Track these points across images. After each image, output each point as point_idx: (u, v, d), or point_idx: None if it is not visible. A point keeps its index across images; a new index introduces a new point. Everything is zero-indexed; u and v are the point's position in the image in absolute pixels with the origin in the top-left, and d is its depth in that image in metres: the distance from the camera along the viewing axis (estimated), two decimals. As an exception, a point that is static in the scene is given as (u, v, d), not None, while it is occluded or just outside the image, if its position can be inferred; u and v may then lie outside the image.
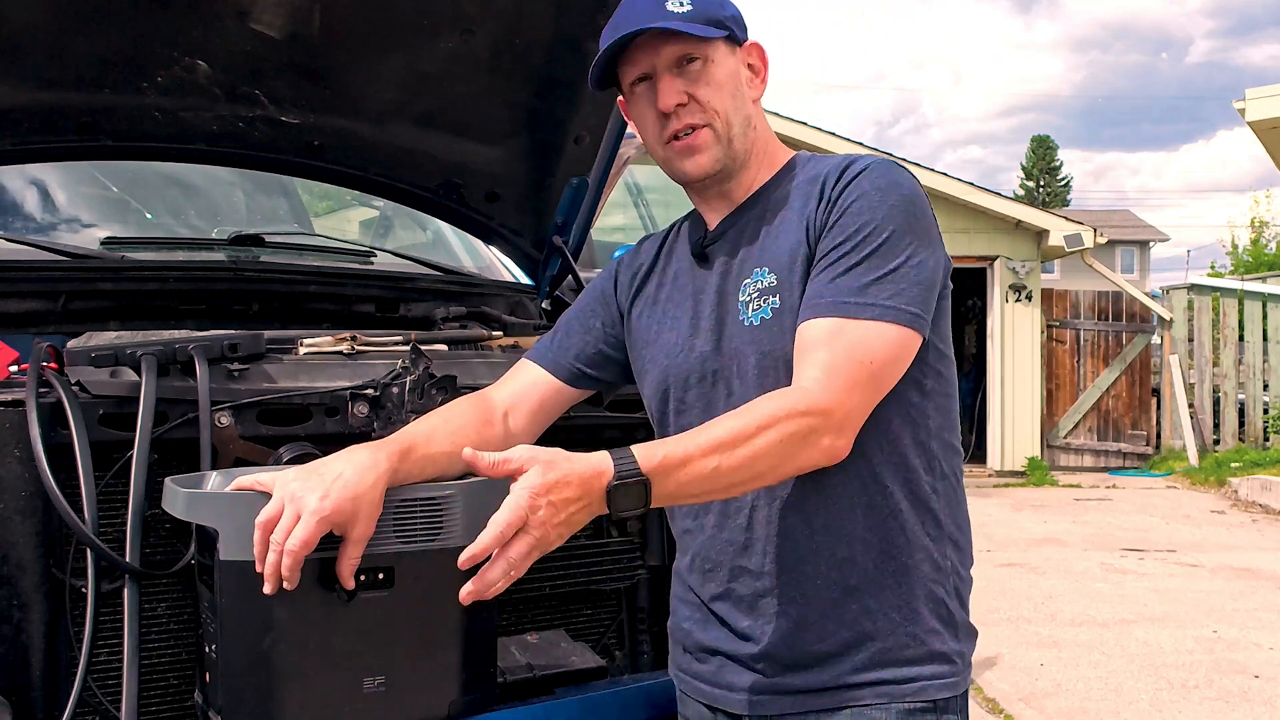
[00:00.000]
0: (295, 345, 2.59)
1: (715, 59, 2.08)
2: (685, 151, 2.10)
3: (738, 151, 2.12)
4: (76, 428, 2.08)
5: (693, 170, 2.11)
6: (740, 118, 2.11)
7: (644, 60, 2.08)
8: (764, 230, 2.11)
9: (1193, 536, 11.43)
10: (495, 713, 2.25)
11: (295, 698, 2.02)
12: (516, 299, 3.63)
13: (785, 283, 2.02)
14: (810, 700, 2.01)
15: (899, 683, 1.99)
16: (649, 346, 2.23)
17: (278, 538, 1.82)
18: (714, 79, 2.07)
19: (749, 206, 2.16)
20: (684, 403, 2.14)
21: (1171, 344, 17.65)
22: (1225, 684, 6.42)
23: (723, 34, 2.07)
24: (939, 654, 2.03)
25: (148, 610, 2.21)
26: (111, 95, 2.93)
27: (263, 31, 2.89)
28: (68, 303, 2.93)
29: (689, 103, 2.07)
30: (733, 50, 2.12)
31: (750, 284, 2.07)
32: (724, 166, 2.12)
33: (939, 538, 2.06)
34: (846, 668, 2.00)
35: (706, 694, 2.13)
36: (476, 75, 3.18)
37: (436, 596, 2.10)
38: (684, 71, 2.07)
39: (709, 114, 2.07)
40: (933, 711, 2.00)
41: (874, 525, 2.01)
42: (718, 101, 2.07)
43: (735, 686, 2.07)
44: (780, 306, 2.01)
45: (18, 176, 3.47)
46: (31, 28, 2.72)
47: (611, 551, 2.70)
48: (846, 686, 2.00)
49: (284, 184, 4.12)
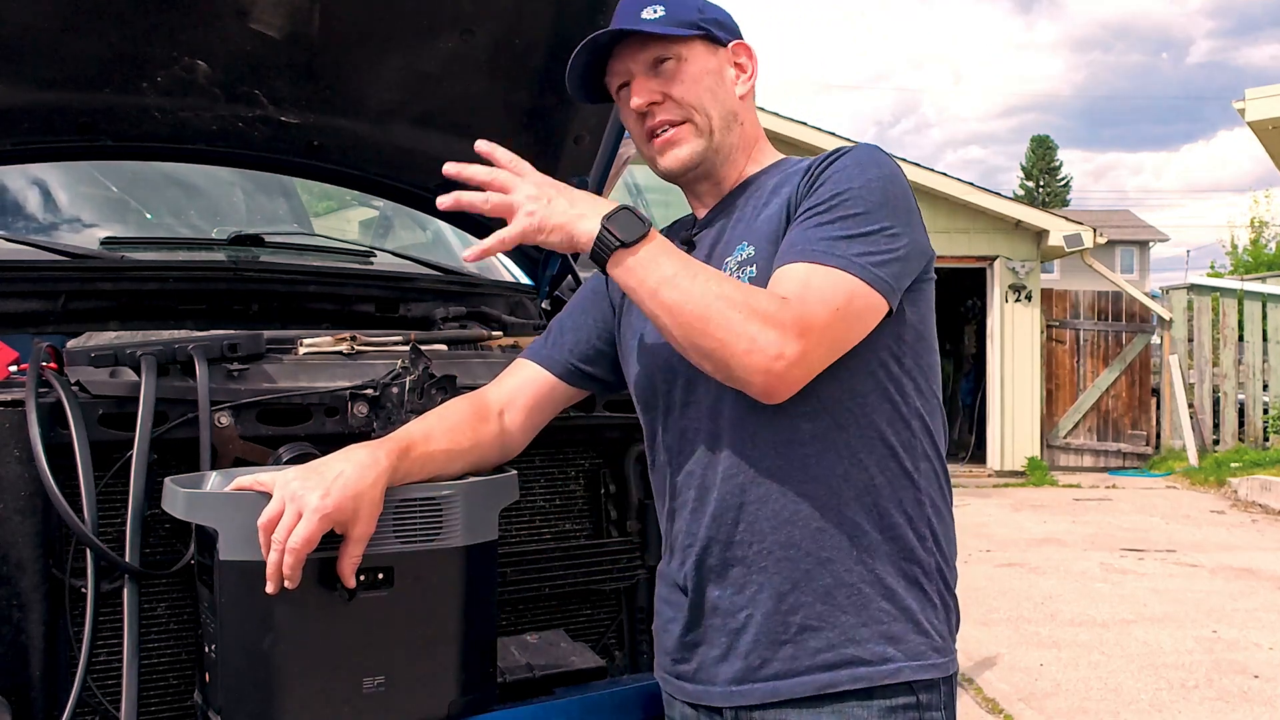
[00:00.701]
0: (295, 345, 2.59)
1: (689, 57, 2.12)
2: (664, 146, 2.15)
3: (720, 144, 2.15)
4: (76, 428, 2.08)
5: (671, 164, 2.15)
6: (722, 111, 2.15)
7: (622, 68, 2.15)
8: (748, 212, 2.14)
9: (1192, 536, 11.44)
10: (495, 713, 2.25)
11: (295, 698, 2.02)
12: (516, 299, 3.63)
13: (762, 253, 2.04)
14: (785, 688, 2.00)
15: (873, 662, 1.97)
16: (635, 336, 2.24)
17: (279, 536, 1.85)
18: (688, 75, 2.11)
19: (735, 194, 2.20)
20: (669, 388, 2.14)
21: (1171, 344, 17.66)
22: (1225, 684, 6.42)
23: (694, 33, 2.12)
24: (914, 632, 2.00)
25: (147, 610, 2.21)
26: (111, 95, 2.94)
27: (263, 31, 2.90)
28: (67, 303, 2.93)
29: (664, 101, 2.12)
30: (714, 50, 2.16)
31: (731, 260, 2.08)
32: (705, 159, 2.15)
33: (918, 517, 2.04)
34: (820, 643, 1.98)
35: (690, 693, 2.13)
36: (476, 75, 3.18)
37: (436, 596, 2.11)
38: (659, 72, 2.12)
39: (685, 109, 2.12)
40: (909, 693, 1.99)
41: (849, 499, 1.99)
42: (693, 97, 2.12)
43: (715, 679, 2.07)
44: (756, 275, 2.02)
45: (18, 176, 3.47)
46: (31, 28, 2.73)
47: (610, 552, 2.70)
48: (821, 667, 1.98)
49: (284, 184, 4.12)
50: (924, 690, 2.00)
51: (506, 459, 2.29)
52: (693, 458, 2.10)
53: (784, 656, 2.00)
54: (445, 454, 2.11)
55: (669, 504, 2.18)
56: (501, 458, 2.27)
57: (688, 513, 2.12)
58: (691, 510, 2.11)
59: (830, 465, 1.99)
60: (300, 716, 2.03)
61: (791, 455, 2.00)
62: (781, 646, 2.00)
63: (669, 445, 2.16)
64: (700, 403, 2.08)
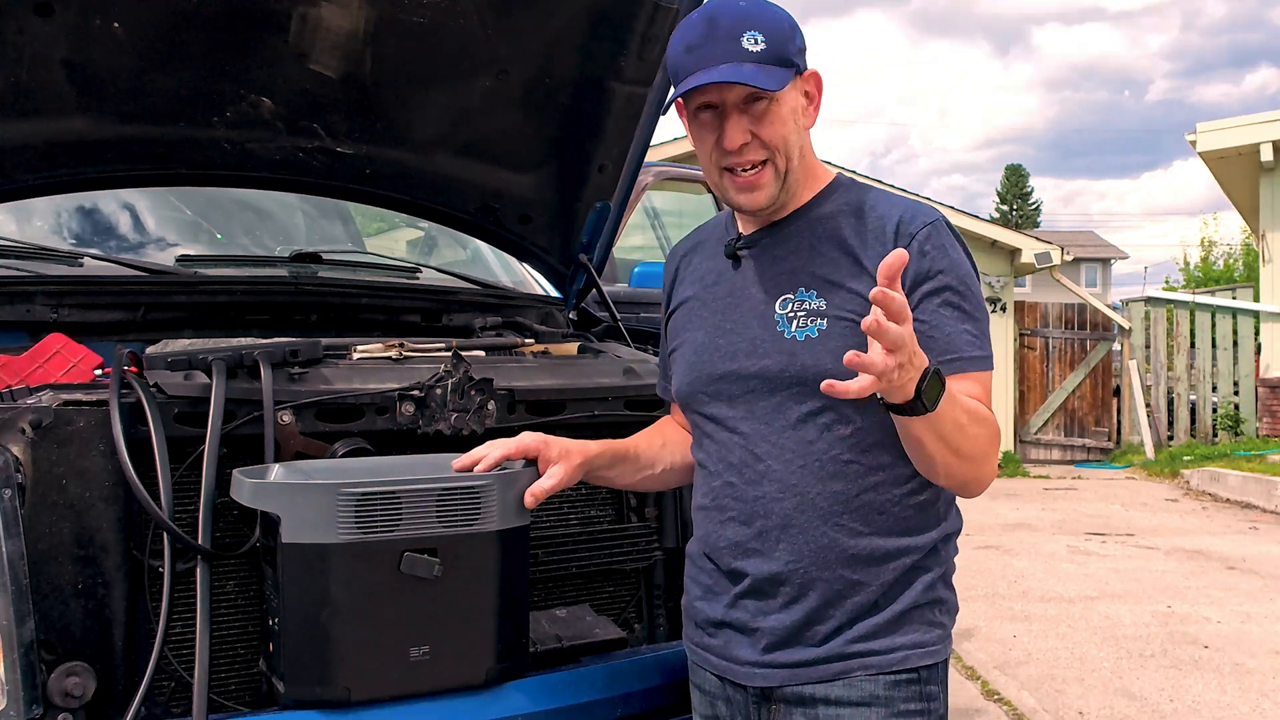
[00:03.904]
0: (349, 351, 2.59)
1: (780, 98, 1.95)
2: (745, 187, 2.00)
3: (791, 185, 2.03)
4: (154, 425, 2.08)
5: (749, 205, 2.03)
6: (797, 150, 2.01)
7: (713, 93, 1.95)
8: (808, 248, 2.03)
9: (1149, 522, 11.37)
10: (527, 679, 2.24)
11: (349, 665, 2.02)
12: (547, 310, 3.62)
13: (834, 308, 1.95)
14: (805, 672, 1.98)
15: (884, 652, 1.97)
16: (680, 342, 2.19)
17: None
18: (778, 118, 1.96)
19: (789, 221, 2.08)
20: (710, 400, 2.09)
21: (1130, 350, 17.60)
22: (1178, 653, 6.37)
23: (792, 74, 1.96)
24: (923, 627, 2.00)
25: (217, 588, 2.21)
26: (185, 128, 2.94)
27: (321, 72, 2.90)
28: (147, 313, 2.93)
29: (752, 140, 1.96)
30: (796, 83, 1.99)
31: (793, 300, 1.99)
32: (778, 201, 2.03)
33: (938, 534, 2.04)
34: (840, 640, 1.97)
35: (716, 665, 2.10)
36: (511, 111, 3.18)
37: (475, 575, 2.10)
38: (751, 109, 1.95)
39: (770, 150, 1.97)
40: (917, 683, 1.98)
41: (882, 521, 1.98)
42: (779, 140, 1.97)
43: (740, 660, 2.05)
44: (827, 330, 1.94)
45: (103, 201, 3.47)
46: (114, 69, 2.74)
47: (631, 535, 2.69)
48: (838, 657, 1.97)
49: (340, 208, 4.12)
50: (927, 677, 2.00)
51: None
52: (728, 463, 2.06)
53: (805, 651, 1.99)
54: (643, 448, 2.31)
55: (704, 500, 2.14)
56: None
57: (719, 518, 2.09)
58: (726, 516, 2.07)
59: (864, 474, 1.97)
60: (353, 682, 2.03)
61: (830, 462, 1.97)
62: (804, 644, 1.99)
63: (707, 447, 2.12)
64: (737, 412, 2.05)
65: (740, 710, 2.08)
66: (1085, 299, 18.54)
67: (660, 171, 7.04)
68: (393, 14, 2.83)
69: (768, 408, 2.01)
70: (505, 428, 2.32)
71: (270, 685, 2.14)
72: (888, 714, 1.96)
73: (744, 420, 2.04)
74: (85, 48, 2.67)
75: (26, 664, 1.90)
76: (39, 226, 3.36)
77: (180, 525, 2.09)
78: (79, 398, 2.10)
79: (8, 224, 3.27)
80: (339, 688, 2.02)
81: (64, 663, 2.00)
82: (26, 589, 1.92)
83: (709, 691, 2.15)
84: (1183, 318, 17.53)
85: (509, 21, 2.94)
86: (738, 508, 2.04)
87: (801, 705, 1.99)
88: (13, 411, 2.03)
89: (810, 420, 1.97)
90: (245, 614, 2.27)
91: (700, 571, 2.15)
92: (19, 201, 3.20)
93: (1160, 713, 5.40)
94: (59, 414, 2.04)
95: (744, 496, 2.03)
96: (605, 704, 2.35)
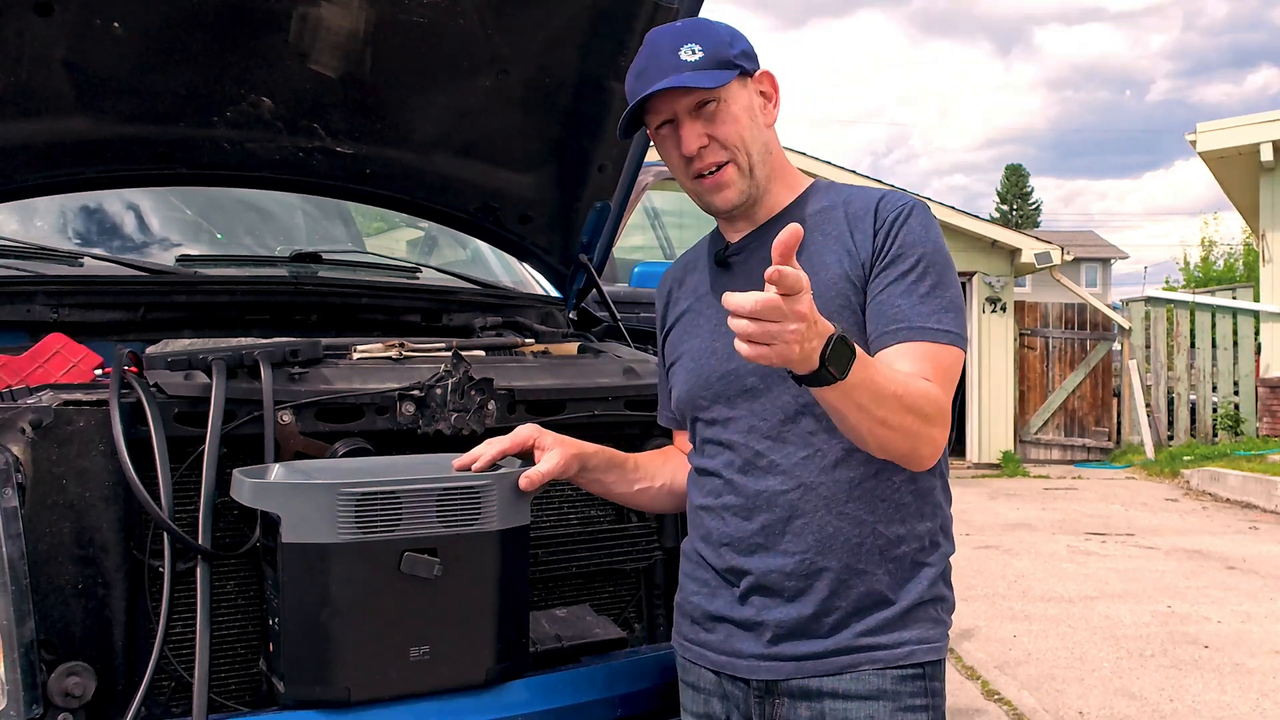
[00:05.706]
0: (349, 351, 2.59)
1: (728, 98, 2.03)
2: (714, 187, 2.08)
3: (759, 179, 2.09)
4: (154, 425, 2.08)
5: (721, 204, 2.10)
6: (758, 146, 2.08)
7: (665, 108, 2.05)
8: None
9: (1149, 522, 11.37)
10: (527, 679, 2.24)
11: (349, 665, 2.02)
12: (546, 310, 3.62)
13: (826, 302, 1.93)
14: (811, 665, 1.99)
15: (891, 647, 1.99)
16: (678, 355, 2.23)
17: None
18: (730, 116, 2.03)
19: (775, 223, 2.11)
20: (710, 405, 2.12)
21: (1130, 350, 17.59)
22: (1178, 653, 6.37)
23: (734, 74, 2.03)
24: (927, 624, 2.02)
25: (217, 587, 2.21)
26: (186, 128, 2.94)
27: (321, 72, 2.90)
28: (147, 313, 2.93)
29: (709, 143, 2.04)
30: (744, 84, 2.07)
31: None
32: (749, 196, 2.10)
33: (935, 524, 2.06)
34: (848, 633, 1.99)
35: (714, 661, 2.11)
36: (510, 111, 3.18)
37: (475, 574, 2.11)
38: (702, 114, 2.03)
39: (730, 150, 2.04)
40: (922, 678, 2.00)
41: (884, 509, 2.00)
42: (735, 137, 2.04)
43: (743, 654, 2.05)
44: None
45: (104, 201, 3.48)
46: (116, 68, 2.74)
47: (631, 535, 2.69)
48: (845, 650, 1.98)
49: (340, 207, 4.12)
50: (930, 673, 2.02)
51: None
52: (729, 461, 2.09)
53: (811, 645, 2.00)
54: (642, 460, 2.34)
55: (707, 499, 2.15)
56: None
57: (723, 515, 2.10)
58: (734, 512, 2.08)
59: (868, 476, 1.99)
60: (353, 682, 2.03)
61: (838, 463, 1.99)
62: (809, 638, 2.01)
63: (709, 452, 2.14)
64: (737, 411, 2.07)
65: (738, 706, 2.08)
66: (1085, 299, 18.53)
67: (660, 171, 7.03)
68: (393, 14, 2.83)
69: (767, 404, 2.04)
70: (505, 428, 2.32)
71: (270, 685, 2.14)
72: (895, 708, 1.98)
73: (744, 418, 2.06)
74: (85, 47, 2.67)
75: (27, 664, 1.90)
76: (40, 226, 3.36)
77: (180, 525, 2.09)
78: (79, 398, 2.10)
79: (8, 224, 3.27)
80: (339, 688, 2.02)
81: (64, 662, 2.00)
82: (27, 589, 1.92)
83: (703, 688, 2.16)
84: (1183, 318, 17.53)
85: (509, 21, 2.94)
86: (740, 504, 2.06)
87: (807, 699, 2.00)
88: (13, 411, 2.03)
89: (809, 413, 1.99)
90: (245, 614, 2.27)
91: (698, 568, 2.17)
92: (19, 201, 3.20)
93: (1160, 712, 5.41)
94: (59, 414, 2.04)
95: (747, 492, 2.05)
96: (605, 704, 2.35)
